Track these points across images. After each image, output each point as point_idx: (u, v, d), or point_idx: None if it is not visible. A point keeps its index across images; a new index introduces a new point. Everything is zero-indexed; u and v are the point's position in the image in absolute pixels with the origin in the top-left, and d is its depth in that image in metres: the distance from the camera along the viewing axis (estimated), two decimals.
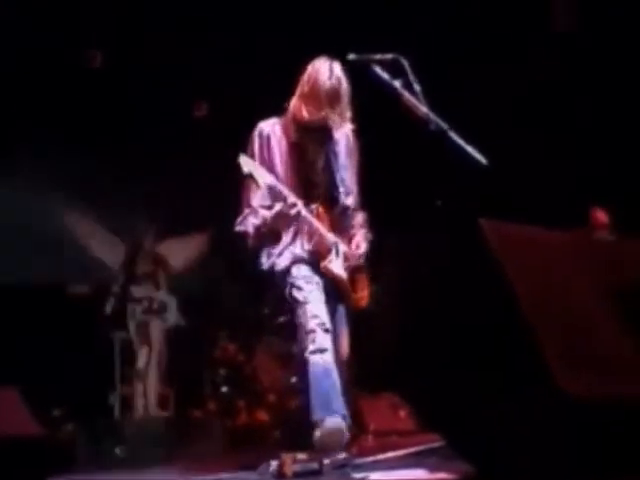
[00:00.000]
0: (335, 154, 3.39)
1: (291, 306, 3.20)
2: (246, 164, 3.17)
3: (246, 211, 3.23)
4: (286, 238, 3.27)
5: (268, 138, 3.27)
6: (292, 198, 3.12)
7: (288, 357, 5.51)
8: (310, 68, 3.24)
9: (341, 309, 3.38)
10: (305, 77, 3.24)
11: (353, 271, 3.36)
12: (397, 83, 2.83)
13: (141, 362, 6.06)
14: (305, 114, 3.21)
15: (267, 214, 3.19)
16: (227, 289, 6.92)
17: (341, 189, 3.37)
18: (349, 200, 3.40)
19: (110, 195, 6.42)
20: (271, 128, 3.28)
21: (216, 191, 6.59)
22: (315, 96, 3.18)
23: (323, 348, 3.07)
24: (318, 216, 3.28)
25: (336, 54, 3.18)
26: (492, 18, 5.25)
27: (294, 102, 3.26)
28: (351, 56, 2.96)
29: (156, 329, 6.24)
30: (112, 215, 6.61)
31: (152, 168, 6.67)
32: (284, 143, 3.26)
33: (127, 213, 6.56)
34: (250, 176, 3.14)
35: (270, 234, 3.23)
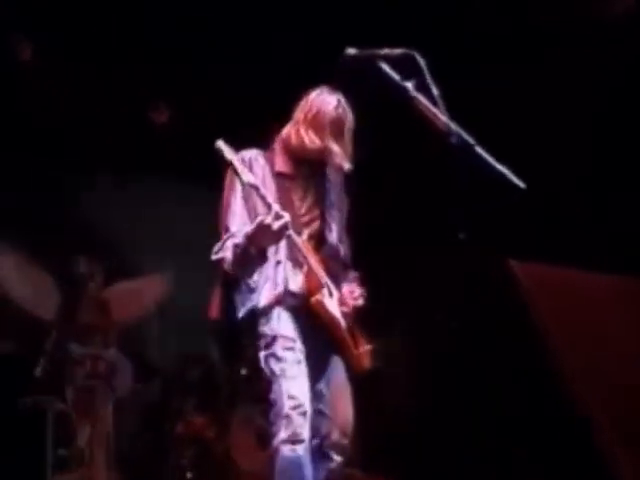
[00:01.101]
0: (327, 191, 3.61)
1: (265, 374, 3.33)
2: (227, 151, 3.29)
3: (224, 236, 3.40)
4: (267, 266, 3.41)
5: (250, 163, 3.48)
6: (277, 207, 3.25)
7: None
8: (314, 95, 3.58)
9: (338, 364, 3.49)
10: (307, 104, 3.56)
11: (350, 323, 3.46)
12: (409, 84, 2.88)
13: (82, 442, 6.03)
14: (307, 142, 3.50)
15: (248, 230, 3.33)
16: (194, 345, 6.93)
17: (333, 229, 3.57)
18: (340, 245, 3.60)
19: (43, 225, 6.45)
20: (253, 155, 3.54)
21: (180, 220, 6.68)
22: (319, 125, 3.51)
23: (297, 439, 3.20)
24: (308, 251, 3.44)
25: (327, 51, 3.27)
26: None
27: (289, 130, 3.56)
28: (351, 51, 3.02)
29: (103, 398, 6.22)
30: (45, 250, 6.63)
31: (97, 191, 6.72)
32: (268, 171, 3.51)
33: (65, 248, 6.59)
34: (230, 165, 3.29)
35: (251, 256, 3.34)
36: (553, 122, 5.36)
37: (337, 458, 3.41)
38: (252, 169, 3.44)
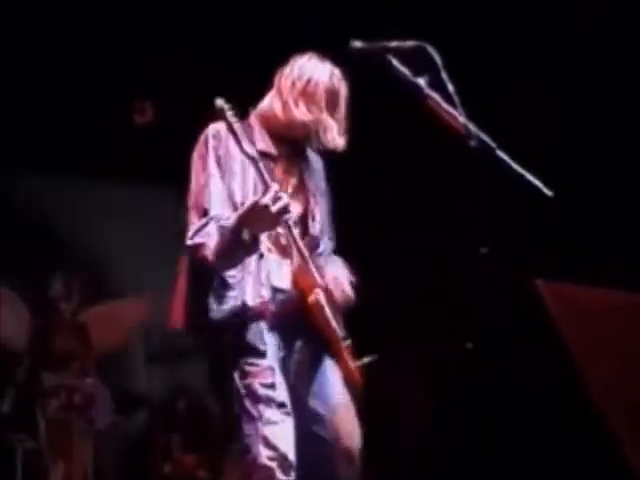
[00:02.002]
0: (312, 173, 3.48)
1: (235, 409, 3.17)
2: (229, 113, 3.18)
3: (203, 220, 3.22)
4: (249, 260, 3.23)
5: (227, 140, 3.30)
6: (277, 186, 3.11)
7: None
8: (303, 61, 3.37)
9: (336, 376, 3.35)
10: (295, 71, 3.35)
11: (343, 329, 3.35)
12: (422, 81, 2.89)
13: None
14: (297, 115, 3.30)
15: (240, 211, 3.16)
16: (182, 374, 6.94)
17: (316, 218, 3.43)
18: (321, 237, 3.45)
19: (11, 241, 6.47)
20: (230, 130, 3.29)
21: (163, 236, 6.69)
22: (312, 95, 3.31)
23: None
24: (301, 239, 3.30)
25: (328, 44, 3.27)
26: None
27: (272, 102, 3.37)
28: (357, 44, 3.03)
29: (79, 433, 6.23)
30: (14, 271, 6.65)
31: (72, 201, 6.74)
32: (248, 152, 3.27)
33: (37, 268, 6.60)
34: (230, 128, 3.17)
35: (242, 244, 3.16)
36: (583, 124, 5.39)
37: None
38: (229, 147, 3.27)
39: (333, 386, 3.33)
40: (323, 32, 3.62)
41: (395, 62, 2.96)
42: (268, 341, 3.22)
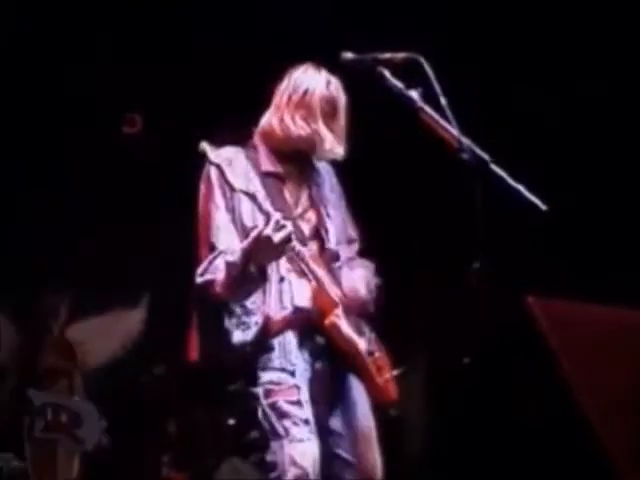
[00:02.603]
0: (319, 187, 3.49)
1: (262, 428, 3.19)
2: (213, 154, 3.22)
3: (210, 256, 3.26)
4: (269, 283, 3.26)
5: (231, 165, 3.30)
6: (278, 216, 3.13)
7: None
8: (298, 73, 3.40)
9: (360, 396, 3.34)
10: (290, 84, 3.37)
11: (370, 343, 3.35)
12: (415, 93, 2.89)
13: None
14: (293, 128, 3.32)
15: (244, 244, 3.19)
16: (171, 390, 6.90)
17: (330, 231, 3.44)
18: (340, 248, 3.46)
19: None
20: (232, 155, 3.35)
21: (156, 246, 6.67)
22: (308, 106, 3.32)
23: None
24: (314, 261, 3.31)
25: (321, 55, 3.26)
26: None
27: (271, 118, 3.39)
28: (348, 55, 3.03)
29: (66, 454, 6.19)
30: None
31: (60, 213, 6.71)
32: (253, 172, 3.34)
33: (22, 279, 6.57)
34: (219, 170, 3.19)
35: (249, 276, 3.20)
36: (580, 137, 5.39)
37: None
38: (234, 172, 3.26)
39: (357, 407, 3.33)
40: (315, 43, 3.60)
41: (387, 74, 2.95)
42: (295, 360, 3.24)
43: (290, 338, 3.26)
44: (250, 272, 3.17)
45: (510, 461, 5.29)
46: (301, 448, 3.12)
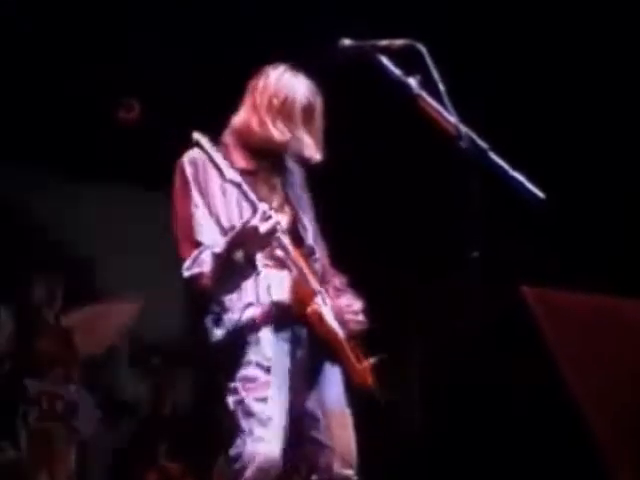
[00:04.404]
0: (292, 186, 3.56)
1: (231, 421, 3.28)
2: (207, 144, 3.29)
3: (196, 251, 3.32)
4: (248, 278, 3.34)
5: (204, 166, 3.38)
6: (265, 206, 3.22)
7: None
8: (276, 76, 3.47)
9: (334, 382, 3.43)
10: (271, 87, 3.45)
11: (348, 337, 3.43)
12: (413, 81, 2.90)
13: None
14: (275, 134, 3.40)
15: (230, 235, 3.28)
16: (169, 380, 6.94)
17: (307, 227, 3.52)
18: (316, 246, 3.53)
19: None
20: (204, 155, 3.40)
21: (149, 237, 6.68)
22: (289, 113, 3.41)
23: None
24: (295, 251, 3.39)
25: (317, 44, 3.28)
26: None
27: (248, 118, 3.45)
28: (346, 42, 3.04)
29: (62, 444, 6.22)
30: None
31: (56, 196, 6.75)
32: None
33: (18, 267, 6.60)
34: (211, 159, 3.26)
35: (237, 266, 3.29)
36: (579, 124, 5.41)
37: None
38: (207, 173, 3.36)
39: (332, 391, 3.42)
40: (313, 30, 3.62)
41: (385, 61, 2.96)
42: (271, 355, 3.31)
43: (266, 332, 3.33)
44: (237, 263, 3.28)
45: (503, 448, 5.34)
46: (261, 448, 3.21)
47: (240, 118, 3.47)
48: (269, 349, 3.31)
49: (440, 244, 5.60)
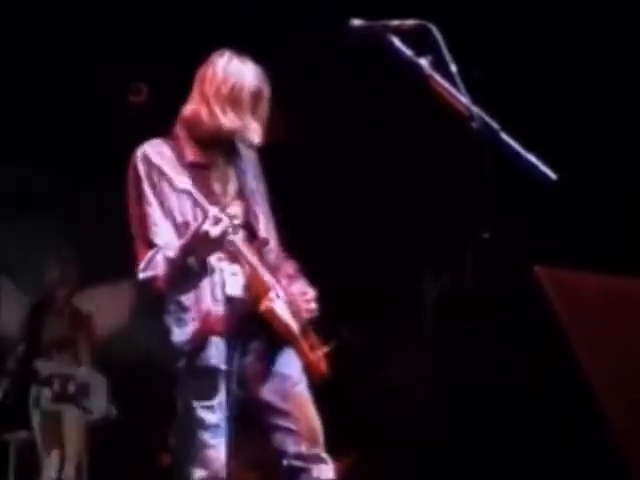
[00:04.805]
0: (244, 175, 3.58)
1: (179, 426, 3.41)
2: (151, 151, 3.33)
3: (150, 253, 3.35)
4: (202, 280, 3.37)
5: (150, 160, 3.39)
6: (215, 211, 3.24)
7: (267, 465, 5.56)
8: (223, 63, 3.47)
9: (292, 368, 3.49)
10: (218, 75, 3.45)
11: (302, 324, 3.50)
12: (424, 61, 2.89)
13: (50, 475, 6.06)
14: (225, 122, 3.41)
15: (182, 240, 3.31)
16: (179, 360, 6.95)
17: (260, 218, 3.54)
18: (270, 234, 3.56)
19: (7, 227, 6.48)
20: (157, 149, 3.42)
21: None
22: (238, 100, 3.42)
23: None
24: (246, 248, 3.42)
25: (328, 24, 3.27)
26: None
27: (197, 108, 3.46)
28: (356, 22, 3.03)
29: (73, 424, 6.24)
30: (6, 252, 6.66)
31: (68, 181, 6.75)
32: (177, 163, 3.40)
33: (30, 248, 6.61)
34: (160, 172, 3.28)
35: (190, 270, 3.33)
36: (590, 104, 5.38)
37: (315, 466, 3.42)
38: (161, 169, 3.34)
39: (289, 376, 3.47)
40: (321, 10, 3.61)
41: (396, 42, 2.95)
42: (220, 355, 3.36)
43: (217, 337, 3.37)
44: (191, 266, 3.32)
45: (515, 432, 5.35)
46: (210, 453, 3.33)
47: (189, 109, 3.47)
48: (220, 347, 3.35)
49: (452, 225, 5.59)
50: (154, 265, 3.33)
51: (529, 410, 5.37)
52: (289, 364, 3.48)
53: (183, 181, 3.27)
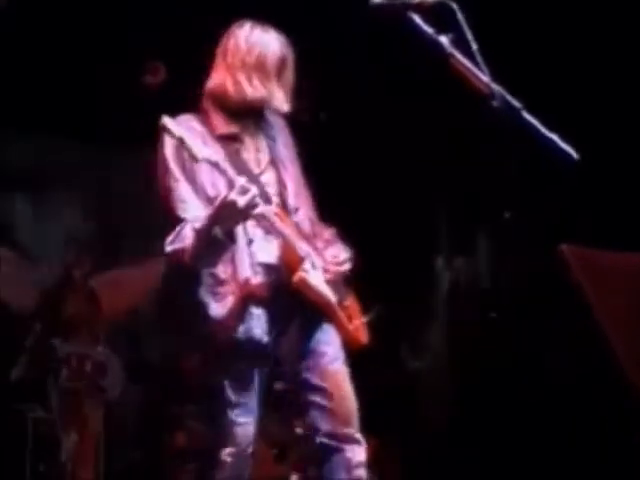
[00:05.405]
0: (273, 141, 3.58)
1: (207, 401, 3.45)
2: (175, 128, 3.27)
3: (178, 226, 3.35)
4: (238, 249, 3.37)
5: (187, 137, 3.34)
6: (242, 180, 3.23)
7: (290, 443, 5.56)
8: (246, 34, 3.48)
9: (330, 346, 3.48)
10: (243, 45, 3.46)
11: (339, 291, 3.49)
12: (445, 39, 2.88)
13: (68, 454, 6.08)
14: (250, 92, 3.42)
15: (209, 211, 3.30)
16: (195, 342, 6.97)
17: (288, 186, 3.53)
18: (299, 201, 3.56)
19: (24, 196, 6.49)
20: (186, 124, 3.41)
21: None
22: (265, 69, 3.44)
23: None
24: (279, 218, 3.41)
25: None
26: None
27: (223, 79, 3.47)
28: (376, 0, 3.02)
29: (90, 403, 6.26)
30: (23, 229, 6.67)
31: (89, 159, 6.76)
32: (209, 137, 3.42)
33: (48, 228, 6.63)
34: (181, 142, 3.25)
35: (217, 241, 3.31)
36: (614, 85, 5.35)
37: (348, 447, 3.42)
38: (194, 141, 3.31)
39: (328, 353, 3.47)
40: None
41: (417, 19, 2.94)
42: (262, 327, 3.37)
43: (258, 308, 3.39)
44: (218, 237, 3.29)
45: (541, 416, 5.33)
46: (238, 430, 3.36)
47: (214, 81, 3.48)
48: (263, 322, 3.37)
49: (470, 205, 5.59)
50: (182, 238, 3.32)
51: (554, 393, 5.36)
52: (328, 340, 3.48)
53: (206, 152, 3.25)
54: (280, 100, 3.46)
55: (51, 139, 6.72)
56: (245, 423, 3.37)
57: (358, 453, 3.44)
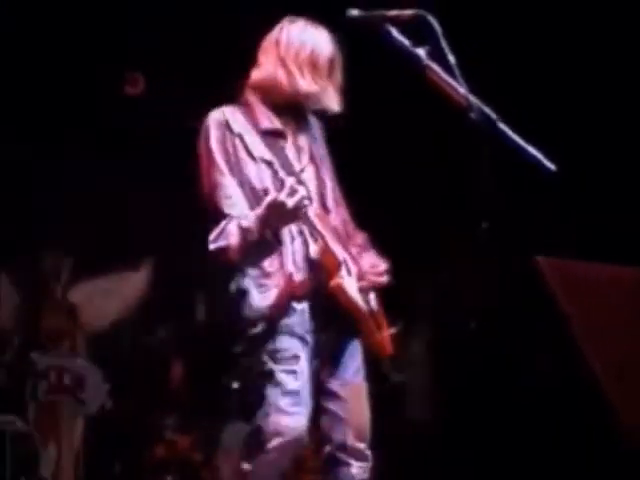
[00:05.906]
0: (314, 140, 3.56)
1: (256, 392, 3.32)
2: (235, 123, 3.28)
3: (222, 223, 3.30)
4: (282, 249, 3.34)
5: (230, 127, 3.34)
6: (292, 181, 3.20)
7: None
8: (299, 30, 3.46)
9: (354, 359, 3.46)
10: (295, 40, 3.43)
11: (371, 302, 3.46)
12: (422, 51, 2.90)
13: (47, 468, 6.05)
14: (303, 83, 3.38)
15: (258, 210, 3.26)
16: (177, 353, 6.94)
17: (328, 187, 3.52)
18: (337, 201, 3.54)
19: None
20: (230, 116, 3.38)
21: (162, 205, 6.68)
22: (317, 65, 3.41)
23: None
24: (319, 219, 3.38)
25: (326, 14, 3.28)
26: None
27: (275, 71, 3.41)
28: (354, 12, 3.04)
29: (70, 417, 6.24)
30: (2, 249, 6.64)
31: (64, 170, 6.72)
32: (253, 131, 3.36)
33: (25, 239, 6.60)
34: (241, 139, 3.24)
35: (264, 241, 3.30)
36: (591, 93, 5.38)
37: (356, 463, 3.38)
38: (233, 134, 3.30)
39: (351, 364, 3.44)
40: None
41: (394, 31, 2.96)
42: (304, 323, 3.34)
43: (302, 304, 3.35)
44: (265, 238, 3.28)
45: (518, 425, 5.34)
46: (286, 420, 3.26)
47: (264, 72, 3.44)
48: (309, 320, 3.34)
49: (450, 216, 5.59)
50: (226, 235, 3.27)
51: (533, 399, 5.37)
52: (353, 354, 3.45)
53: (261, 150, 3.24)
54: (332, 99, 3.44)
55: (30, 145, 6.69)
56: (295, 413, 3.28)
57: (364, 471, 3.40)
